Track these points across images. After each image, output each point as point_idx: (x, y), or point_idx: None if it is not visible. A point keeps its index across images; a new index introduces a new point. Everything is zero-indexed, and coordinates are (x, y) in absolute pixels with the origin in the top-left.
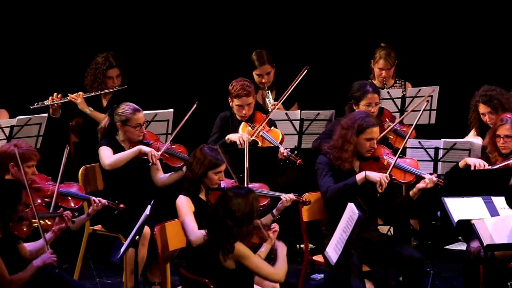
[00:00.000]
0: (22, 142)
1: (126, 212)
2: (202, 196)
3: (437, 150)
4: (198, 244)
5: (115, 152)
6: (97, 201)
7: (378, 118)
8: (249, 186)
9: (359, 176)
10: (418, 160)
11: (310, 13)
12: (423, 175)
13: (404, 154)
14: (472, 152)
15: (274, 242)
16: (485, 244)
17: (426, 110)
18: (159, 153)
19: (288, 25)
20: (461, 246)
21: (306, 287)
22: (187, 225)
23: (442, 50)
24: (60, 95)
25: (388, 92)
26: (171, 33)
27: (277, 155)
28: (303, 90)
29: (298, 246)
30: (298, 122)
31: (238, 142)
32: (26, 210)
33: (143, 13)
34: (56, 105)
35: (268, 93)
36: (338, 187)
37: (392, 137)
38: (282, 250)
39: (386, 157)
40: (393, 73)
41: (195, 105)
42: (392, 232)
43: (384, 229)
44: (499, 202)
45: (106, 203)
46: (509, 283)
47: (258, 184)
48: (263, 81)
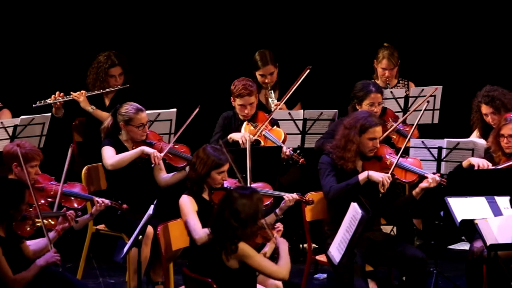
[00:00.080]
0: (26, 142)
1: (129, 211)
2: (205, 195)
3: (440, 149)
4: (203, 242)
5: (118, 152)
6: (100, 201)
7: (381, 118)
8: (252, 186)
9: (362, 175)
10: (421, 159)
11: (313, 13)
12: (426, 175)
13: (407, 153)
14: (475, 151)
15: (276, 239)
16: (488, 244)
17: (429, 110)
18: (162, 154)
19: (291, 25)
20: (464, 246)
21: (309, 287)
22: (191, 224)
23: (445, 50)
24: (62, 94)
25: (391, 91)
26: (174, 32)
27: (280, 155)
28: (306, 90)
29: (301, 245)
30: (301, 121)
31: (241, 142)
32: (30, 210)
33: (146, 12)
34: (58, 103)
35: (271, 93)
36: (341, 187)
37: (395, 137)
38: (283, 246)
39: (389, 156)
40: (396, 73)
41: (197, 109)
42: (395, 231)
43: (387, 228)
44: (503, 202)
45: (109, 204)
46: None
47: (261, 183)
48: (266, 81)
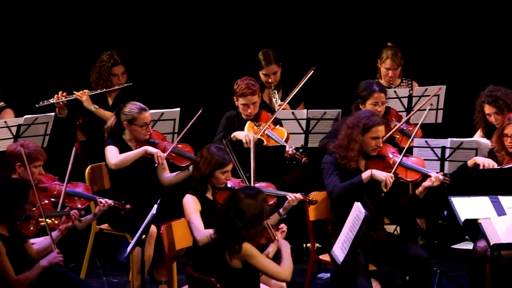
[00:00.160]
0: (29, 142)
1: (133, 211)
2: (209, 195)
3: (443, 149)
4: (204, 243)
5: (122, 151)
6: (103, 201)
7: (384, 117)
8: (255, 186)
9: (365, 174)
10: (424, 159)
11: (317, 12)
12: (429, 174)
13: (411, 153)
14: (479, 151)
15: (279, 241)
16: (492, 243)
17: (432, 110)
18: (165, 154)
19: (294, 24)
20: (467, 246)
21: (312, 286)
22: (193, 224)
23: (449, 49)
24: (65, 93)
25: (394, 91)
26: (178, 31)
27: (283, 154)
28: (310, 90)
29: (304, 245)
30: (305, 121)
31: (244, 141)
32: (33, 209)
33: (149, 11)
34: (61, 103)
35: (274, 92)
36: (344, 186)
37: (398, 136)
38: (285, 248)
39: (392, 156)
40: (399, 72)
41: (201, 110)
42: (398, 231)
43: (390, 228)
44: (506, 201)
45: (112, 204)
46: None
47: (265, 183)
48: (270, 80)
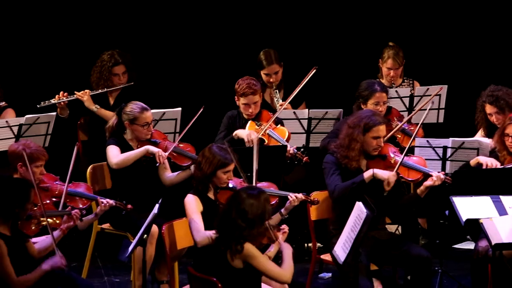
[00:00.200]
0: (31, 142)
1: (134, 210)
2: (211, 195)
3: (445, 149)
4: (203, 244)
5: (123, 151)
6: (104, 202)
7: (386, 117)
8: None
9: (367, 174)
10: (426, 159)
11: (318, 12)
12: (430, 173)
13: (412, 153)
14: (480, 151)
15: (280, 243)
16: (493, 243)
17: (434, 109)
18: (167, 153)
19: (296, 24)
20: (469, 245)
21: (314, 286)
22: (194, 225)
23: (450, 49)
24: (66, 93)
25: (396, 91)
26: (179, 31)
27: (285, 154)
28: (311, 89)
29: (306, 245)
30: (306, 121)
31: (246, 140)
32: (34, 209)
33: (150, 11)
34: (63, 103)
35: (276, 92)
36: (346, 186)
37: (400, 136)
38: (287, 251)
39: (393, 155)
40: (401, 72)
41: (202, 109)
42: (400, 231)
43: (392, 228)
44: (508, 201)
45: (113, 204)
46: None
47: (266, 183)
48: (271, 80)
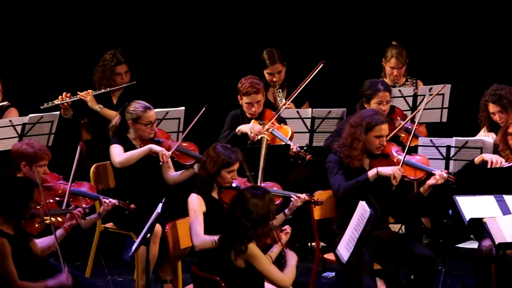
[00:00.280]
0: (34, 142)
1: (138, 210)
2: (215, 194)
3: (448, 148)
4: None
5: (126, 150)
6: (107, 201)
7: (389, 116)
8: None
9: (371, 172)
10: (430, 158)
11: (321, 11)
12: (433, 172)
13: (415, 152)
14: (484, 150)
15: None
16: (496, 242)
17: (438, 108)
18: (170, 152)
19: (299, 23)
20: (472, 245)
21: (317, 285)
22: (193, 228)
23: (453, 48)
24: (69, 94)
25: (399, 90)
26: (182, 30)
27: (288, 153)
28: (314, 89)
29: (309, 244)
30: (310, 120)
31: (249, 133)
32: (38, 208)
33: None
34: (66, 104)
35: (279, 91)
36: (350, 185)
37: (403, 135)
38: (291, 259)
39: (396, 154)
40: (404, 71)
41: (204, 108)
42: (403, 230)
43: (395, 227)
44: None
45: (116, 203)
46: None
47: (270, 183)
48: (274, 79)
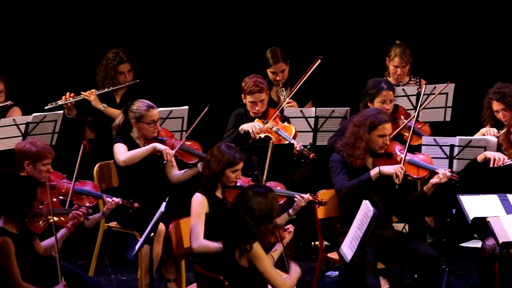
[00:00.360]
0: (37, 140)
1: (141, 209)
2: (219, 194)
3: (452, 147)
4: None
5: (130, 149)
6: (110, 200)
7: (392, 115)
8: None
9: (373, 171)
10: (433, 157)
11: (325, 10)
12: (437, 170)
13: (419, 151)
14: (487, 149)
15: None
16: (500, 241)
17: (441, 108)
18: (174, 151)
19: (302, 22)
20: (476, 244)
21: (321, 284)
22: (194, 231)
23: (457, 47)
24: (73, 94)
25: (403, 89)
26: (186, 29)
27: (292, 152)
28: (318, 88)
29: (312, 243)
30: (313, 119)
31: (251, 131)
32: (41, 207)
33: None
34: (70, 104)
35: (282, 90)
36: (352, 184)
37: (407, 134)
38: (294, 272)
39: (399, 153)
40: (408, 70)
41: (207, 108)
42: (407, 229)
43: (399, 226)
44: None
45: (120, 202)
46: None
47: (274, 182)
48: (278, 78)
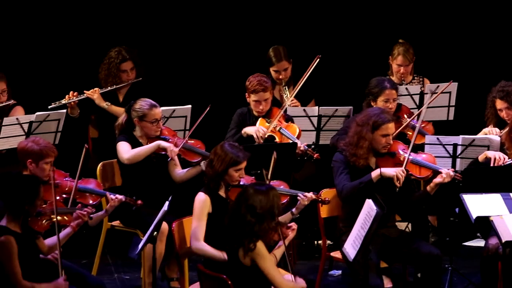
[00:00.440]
0: (40, 139)
1: (144, 208)
2: (222, 193)
3: (455, 146)
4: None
5: (133, 148)
6: (114, 197)
7: (396, 114)
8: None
9: (374, 173)
10: (436, 156)
11: (327, 9)
12: (440, 170)
13: (422, 150)
14: (490, 148)
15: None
16: (503, 240)
17: (444, 107)
18: (178, 148)
19: (305, 21)
20: (479, 243)
21: (324, 283)
22: (194, 232)
23: (460, 46)
24: (76, 93)
25: (406, 88)
26: (188, 28)
27: (295, 151)
28: (321, 87)
29: (316, 242)
30: (316, 118)
31: (255, 136)
32: (44, 206)
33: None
34: (73, 103)
35: (285, 89)
36: (353, 186)
37: (410, 133)
38: (299, 283)
39: (402, 152)
40: (411, 69)
41: (209, 107)
42: (410, 228)
43: (402, 225)
44: None
45: (123, 199)
46: None
47: (277, 181)
48: (280, 77)
